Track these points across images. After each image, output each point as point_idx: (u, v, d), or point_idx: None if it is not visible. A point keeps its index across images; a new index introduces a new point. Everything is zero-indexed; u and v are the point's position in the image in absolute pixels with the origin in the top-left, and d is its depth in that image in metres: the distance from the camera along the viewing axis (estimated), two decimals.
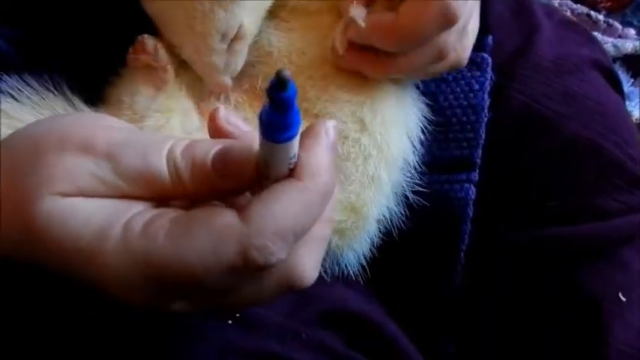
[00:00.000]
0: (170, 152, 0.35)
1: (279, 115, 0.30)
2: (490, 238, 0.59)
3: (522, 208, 0.59)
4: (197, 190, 0.35)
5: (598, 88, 0.63)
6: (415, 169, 0.55)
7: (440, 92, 0.60)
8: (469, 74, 0.60)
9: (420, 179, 0.55)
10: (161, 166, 0.34)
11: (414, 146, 0.55)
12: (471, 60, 0.61)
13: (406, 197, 0.55)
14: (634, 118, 0.84)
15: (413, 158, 0.55)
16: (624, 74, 0.86)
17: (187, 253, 0.32)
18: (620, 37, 0.87)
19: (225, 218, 0.33)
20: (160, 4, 0.48)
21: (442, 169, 0.58)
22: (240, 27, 0.48)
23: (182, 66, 0.51)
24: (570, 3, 0.90)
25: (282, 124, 0.31)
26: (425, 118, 0.56)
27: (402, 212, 0.54)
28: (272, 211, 0.32)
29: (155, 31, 0.49)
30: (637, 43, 0.85)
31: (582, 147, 0.58)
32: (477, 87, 0.60)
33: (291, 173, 0.34)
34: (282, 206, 0.33)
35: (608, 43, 0.86)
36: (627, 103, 0.85)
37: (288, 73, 0.28)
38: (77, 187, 0.33)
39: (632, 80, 0.87)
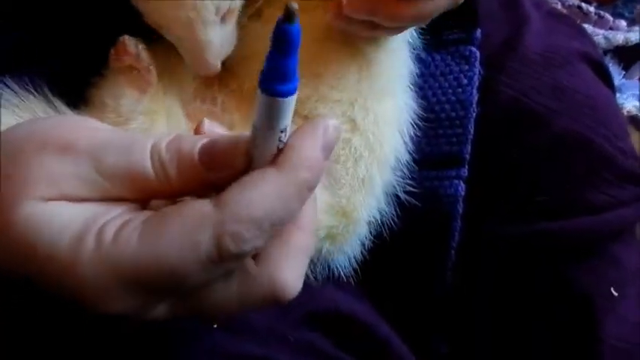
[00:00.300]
0: (154, 147, 0.34)
1: (282, 56, 0.29)
2: (480, 234, 0.59)
3: (512, 202, 0.59)
4: (184, 185, 0.34)
5: (587, 81, 0.62)
6: (406, 166, 0.54)
7: (429, 87, 0.59)
8: (457, 69, 0.60)
9: (411, 177, 0.54)
10: (144, 161, 0.33)
11: (405, 143, 0.54)
12: (460, 54, 0.61)
13: (397, 196, 0.54)
14: (625, 111, 0.83)
15: (404, 156, 0.54)
16: (615, 66, 0.86)
17: (163, 250, 0.31)
18: (611, 28, 0.86)
19: (198, 207, 0.32)
20: None
21: (431, 165, 0.58)
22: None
23: (167, 68, 0.50)
24: None
25: (284, 70, 0.30)
26: (415, 114, 0.55)
27: (393, 212, 0.54)
28: (247, 197, 0.31)
29: (135, 32, 0.49)
30: (628, 34, 0.85)
31: (572, 141, 0.58)
32: (465, 82, 0.59)
33: (275, 160, 0.33)
34: (258, 193, 0.32)
35: (599, 35, 0.85)
36: (619, 95, 0.85)
37: (296, 5, 0.28)
38: (58, 190, 0.33)
39: (624, 72, 0.86)
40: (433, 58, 0.60)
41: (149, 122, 0.49)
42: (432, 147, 0.58)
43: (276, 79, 0.30)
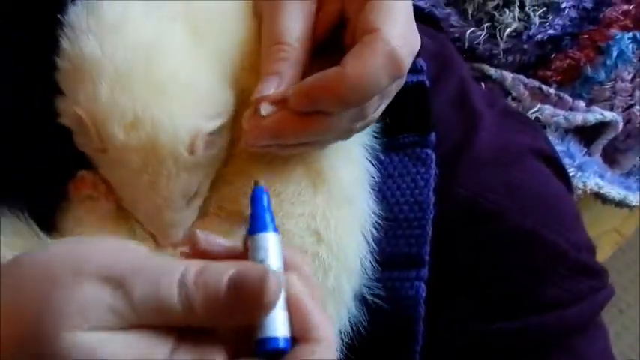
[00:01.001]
0: (182, 279, 0.34)
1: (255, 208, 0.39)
2: (440, 333, 0.59)
3: (470, 301, 0.59)
4: (210, 320, 0.35)
5: (538, 177, 0.63)
6: (371, 268, 0.55)
7: (387, 189, 0.60)
8: (414, 170, 0.61)
9: (375, 278, 0.55)
10: (172, 295, 0.34)
11: (369, 244, 0.55)
12: (416, 156, 0.62)
13: (364, 299, 0.54)
14: (588, 189, 0.85)
15: (369, 257, 0.55)
16: (576, 145, 0.88)
17: None
18: (571, 109, 0.89)
19: None
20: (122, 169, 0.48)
21: (393, 266, 0.58)
22: (199, 186, 0.50)
23: None
24: (523, 77, 0.92)
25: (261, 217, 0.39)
26: (375, 215, 0.56)
27: (361, 316, 0.54)
28: None
29: None
30: (586, 114, 0.87)
31: (526, 239, 0.59)
32: (422, 184, 0.60)
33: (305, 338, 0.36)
34: None
35: (559, 115, 0.87)
36: (581, 174, 0.86)
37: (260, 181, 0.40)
38: (91, 322, 0.33)
39: (585, 150, 0.88)
40: (391, 159, 0.61)
41: None
42: (392, 247, 0.58)
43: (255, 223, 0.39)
